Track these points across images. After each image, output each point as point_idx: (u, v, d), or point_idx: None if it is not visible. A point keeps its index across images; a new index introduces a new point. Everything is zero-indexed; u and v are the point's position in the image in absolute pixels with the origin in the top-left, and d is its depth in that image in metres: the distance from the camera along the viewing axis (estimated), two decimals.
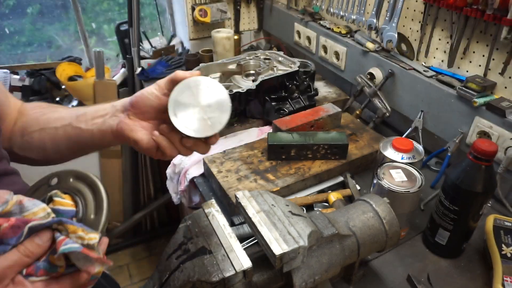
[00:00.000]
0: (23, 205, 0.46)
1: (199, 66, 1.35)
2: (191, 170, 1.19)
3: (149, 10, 2.08)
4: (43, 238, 0.46)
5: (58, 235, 0.46)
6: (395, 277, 0.86)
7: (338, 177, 1.13)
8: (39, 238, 0.45)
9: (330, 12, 1.56)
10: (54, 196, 0.50)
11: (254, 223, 0.66)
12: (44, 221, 0.46)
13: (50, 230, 0.46)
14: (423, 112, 1.22)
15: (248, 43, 2.08)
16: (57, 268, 0.46)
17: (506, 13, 0.93)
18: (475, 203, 0.81)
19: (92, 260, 0.46)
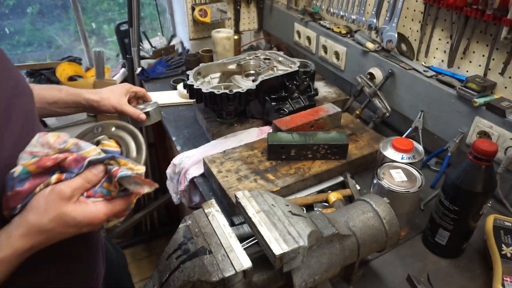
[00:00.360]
0: (79, 146, 0.59)
1: (199, 66, 1.35)
2: (191, 170, 1.19)
3: (149, 10, 2.08)
4: (98, 169, 0.59)
5: (111, 167, 0.58)
6: (395, 277, 0.87)
7: (338, 177, 1.13)
8: (95, 169, 0.59)
9: (330, 12, 1.56)
10: (102, 140, 0.63)
11: (254, 223, 0.66)
12: (100, 157, 0.59)
13: (103, 164, 0.59)
14: (423, 112, 1.22)
15: (248, 43, 2.08)
16: (111, 192, 0.59)
17: (506, 13, 0.93)
18: (475, 203, 0.81)
19: (141, 184, 0.60)
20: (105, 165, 0.59)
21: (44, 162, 0.56)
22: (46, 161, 0.56)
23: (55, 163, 0.57)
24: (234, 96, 1.19)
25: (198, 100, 1.23)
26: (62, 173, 0.58)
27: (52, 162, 0.56)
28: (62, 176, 0.57)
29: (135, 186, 0.59)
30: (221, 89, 1.25)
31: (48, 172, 0.57)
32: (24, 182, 0.55)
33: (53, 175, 0.57)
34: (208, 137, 1.35)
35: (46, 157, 0.57)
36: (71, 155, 0.57)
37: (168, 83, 1.74)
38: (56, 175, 0.57)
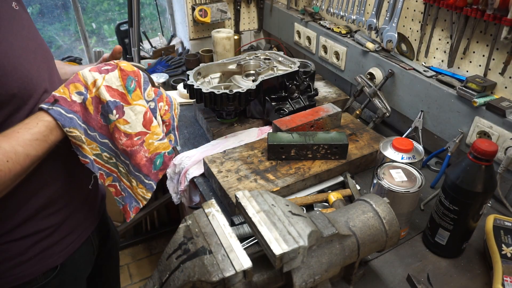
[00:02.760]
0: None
1: (199, 66, 1.35)
2: (191, 170, 1.19)
3: (149, 10, 2.08)
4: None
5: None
6: (395, 277, 0.87)
7: (338, 177, 1.13)
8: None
9: (330, 12, 1.56)
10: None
11: (254, 223, 0.66)
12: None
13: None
14: (423, 112, 1.22)
15: (248, 43, 2.08)
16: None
17: (506, 13, 0.93)
18: (475, 203, 0.81)
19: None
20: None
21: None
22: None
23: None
24: (234, 96, 1.19)
25: (198, 100, 1.23)
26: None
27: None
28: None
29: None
30: (221, 89, 1.25)
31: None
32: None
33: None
34: (208, 137, 1.35)
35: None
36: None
37: (168, 83, 1.74)
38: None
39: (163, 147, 0.81)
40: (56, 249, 0.87)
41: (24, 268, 0.82)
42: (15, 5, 0.79)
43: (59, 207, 0.86)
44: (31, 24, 0.83)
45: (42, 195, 0.81)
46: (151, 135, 0.78)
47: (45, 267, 0.86)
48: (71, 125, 0.71)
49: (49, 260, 0.86)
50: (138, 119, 0.76)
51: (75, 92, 0.72)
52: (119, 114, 0.74)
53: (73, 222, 0.91)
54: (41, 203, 0.81)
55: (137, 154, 0.77)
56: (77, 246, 0.93)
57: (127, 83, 0.75)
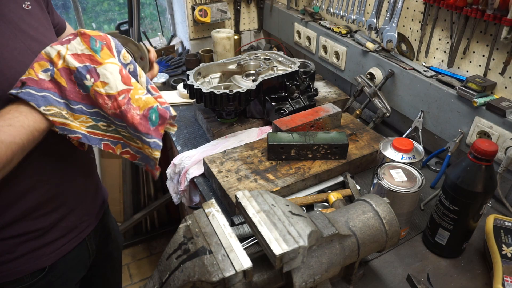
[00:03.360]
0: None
1: (199, 66, 1.35)
2: (191, 170, 1.19)
3: (149, 10, 2.08)
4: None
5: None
6: (395, 277, 0.87)
7: (338, 177, 1.13)
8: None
9: (330, 12, 1.56)
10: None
11: (254, 223, 0.66)
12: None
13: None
14: (423, 112, 1.22)
15: (248, 43, 2.08)
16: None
17: (506, 13, 0.93)
18: (475, 203, 0.81)
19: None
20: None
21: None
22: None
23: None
24: (234, 96, 1.19)
25: (198, 100, 1.23)
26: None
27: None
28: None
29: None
30: (221, 89, 1.25)
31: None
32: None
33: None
34: (208, 137, 1.35)
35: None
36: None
37: (168, 83, 1.74)
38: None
39: (152, 101, 0.75)
40: (46, 250, 0.86)
41: (11, 266, 0.81)
42: (27, 5, 0.78)
43: (51, 209, 0.84)
44: (43, 24, 0.82)
45: (31, 197, 0.80)
46: (134, 90, 0.73)
47: (33, 267, 0.85)
48: (46, 103, 0.67)
49: (38, 260, 0.85)
50: (115, 77, 0.71)
51: (40, 70, 0.68)
52: (93, 77, 0.70)
53: (67, 224, 0.90)
54: (31, 205, 0.80)
55: (127, 113, 0.72)
56: (70, 248, 0.92)
57: (91, 44, 0.70)
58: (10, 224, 0.79)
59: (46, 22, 0.84)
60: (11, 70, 0.70)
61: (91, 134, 0.74)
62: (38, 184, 0.80)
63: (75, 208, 0.91)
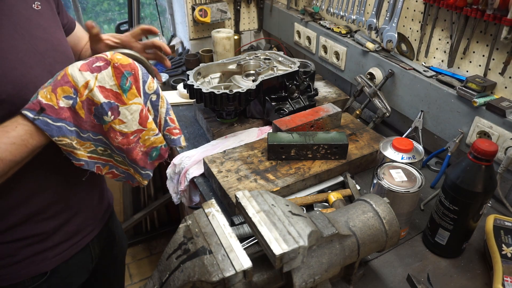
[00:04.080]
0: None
1: (199, 66, 1.35)
2: (191, 170, 1.19)
3: (149, 10, 2.08)
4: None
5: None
6: (395, 277, 0.87)
7: (338, 177, 1.13)
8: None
9: (330, 12, 1.56)
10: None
11: (254, 223, 0.66)
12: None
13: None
14: (423, 112, 1.22)
15: (248, 43, 2.08)
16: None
17: (506, 13, 0.93)
18: (475, 203, 0.81)
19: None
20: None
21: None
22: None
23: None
24: (234, 96, 1.19)
25: (198, 100, 1.23)
26: None
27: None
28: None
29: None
30: (221, 89, 1.25)
31: None
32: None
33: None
34: (208, 137, 1.35)
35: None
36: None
37: (168, 83, 1.74)
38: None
39: (159, 141, 0.79)
40: (49, 254, 0.86)
41: (12, 270, 0.81)
42: (37, 5, 0.78)
43: (54, 213, 0.84)
44: (52, 24, 0.81)
45: (34, 201, 0.79)
46: (147, 131, 0.76)
47: (34, 272, 0.84)
48: (60, 134, 0.67)
49: (39, 264, 0.85)
50: (134, 118, 0.73)
51: (63, 96, 0.66)
52: (114, 115, 0.70)
53: (70, 229, 0.89)
54: (34, 209, 0.80)
55: (133, 150, 0.75)
56: (73, 253, 0.91)
57: (122, 81, 0.70)
58: (13, 227, 0.78)
59: (56, 22, 0.84)
60: (15, 72, 0.70)
61: (90, 159, 0.75)
62: (42, 188, 0.80)
63: (79, 212, 0.91)
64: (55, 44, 0.80)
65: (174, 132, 0.83)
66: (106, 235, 1.06)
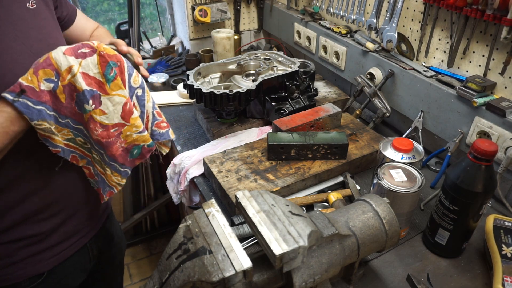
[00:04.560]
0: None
1: (199, 66, 1.35)
2: (191, 170, 1.19)
3: (149, 10, 2.08)
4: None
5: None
6: (395, 277, 0.87)
7: (338, 177, 1.13)
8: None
9: (330, 12, 1.56)
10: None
11: (254, 223, 0.66)
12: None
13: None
14: (423, 112, 1.22)
15: (248, 43, 2.08)
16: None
17: (506, 13, 0.93)
18: (475, 203, 0.81)
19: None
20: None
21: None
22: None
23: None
24: (234, 96, 1.19)
25: (198, 100, 1.23)
26: None
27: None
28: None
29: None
30: (221, 89, 1.25)
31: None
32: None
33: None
34: (208, 137, 1.35)
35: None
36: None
37: (168, 83, 1.74)
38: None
39: (142, 139, 0.76)
40: (46, 255, 0.86)
41: (9, 271, 0.81)
42: (32, 3, 0.77)
43: (51, 214, 0.84)
44: (47, 24, 0.81)
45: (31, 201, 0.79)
46: (129, 127, 0.73)
47: (31, 272, 0.84)
48: (40, 117, 0.65)
49: (36, 265, 0.84)
50: (117, 110, 0.70)
51: (44, 79, 0.65)
52: (95, 104, 0.68)
53: (67, 229, 0.89)
54: (31, 209, 0.80)
55: (112, 145, 0.73)
56: (70, 254, 0.91)
57: (106, 70, 0.68)
58: (10, 228, 0.78)
59: (52, 21, 0.83)
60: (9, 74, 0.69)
61: (66, 147, 0.74)
62: (39, 189, 0.80)
63: (76, 213, 0.90)
64: (51, 43, 0.79)
65: (162, 126, 0.82)
66: (104, 236, 1.06)
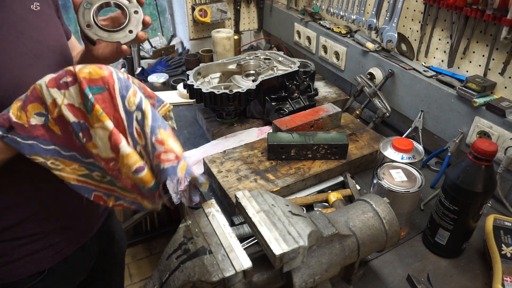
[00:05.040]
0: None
1: (199, 66, 1.35)
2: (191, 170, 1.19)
3: (149, 10, 2.08)
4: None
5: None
6: (395, 277, 0.87)
7: (338, 177, 1.13)
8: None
9: (330, 12, 1.56)
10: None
11: (254, 223, 0.66)
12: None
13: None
14: (423, 112, 1.22)
15: (248, 43, 2.08)
16: None
17: (506, 13, 0.93)
18: (475, 203, 0.81)
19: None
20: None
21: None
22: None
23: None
24: (234, 96, 1.19)
25: (198, 100, 1.23)
26: None
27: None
28: None
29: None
30: (221, 89, 1.25)
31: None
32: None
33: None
34: (208, 137, 1.35)
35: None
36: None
37: (168, 83, 1.74)
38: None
39: (141, 181, 0.61)
40: (46, 253, 0.86)
41: (9, 268, 0.81)
42: (36, 5, 0.77)
43: (52, 213, 0.84)
44: (51, 25, 0.80)
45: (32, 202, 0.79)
46: (121, 165, 0.61)
47: (31, 270, 0.84)
48: (32, 152, 0.62)
49: (37, 263, 0.84)
50: (104, 143, 0.61)
51: (34, 114, 0.61)
52: (86, 137, 0.62)
53: (68, 228, 0.89)
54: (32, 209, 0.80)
55: (119, 179, 0.64)
56: (70, 252, 0.91)
57: (84, 100, 0.60)
58: (11, 227, 0.78)
59: (55, 23, 0.83)
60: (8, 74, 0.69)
61: (82, 183, 0.67)
62: (40, 189, 0.80)
63: (77, 211, 0.90)
64: (52, 45, 0.79)
65: (164, 159, 0.61)
66: (105, 235, 1.06)
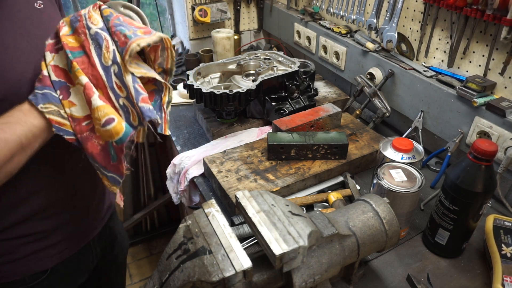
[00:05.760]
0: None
1: (199, 66, 1.35)
2: (191, 170, 1.19)
3: (149, 10, 2.08)
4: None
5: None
6: (395, 277, 0.87)
7: (338, 177, 1.13)
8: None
9: (330, 12, 1.56)
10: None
11: (254, 223, 0.66)
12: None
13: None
14: (423, 112, 1.22)
15: (248, 43, 2.08)
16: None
17: (506, 13, 0.93)
18: (475, 203, 0.81)
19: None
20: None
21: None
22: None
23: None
24: (234, 96, 1.19)
25: (198, 100, 1.23)
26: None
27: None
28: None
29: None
30: (221, 89, 1.25)
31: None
32: None
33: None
34: (208, 137, 1.35)
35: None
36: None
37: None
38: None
39: (108, 134, 0.64)
40: (49, 252, 0.86)
41: (12, 267, 0.81)
42: (40, 4, 0.77)
43: (55, 212, 0.84)
44: (55, 23, 0.79)
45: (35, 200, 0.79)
46: (93, 119, 0.64)
47: (34, 269, 0.84)
48: (45, 100, 0.64)
49: (39, 262, 0.84)
50: (82, 99, 0.64)
51: (45, 66, 0.67)
52: (62, 94, 0.65)
53: (70, 228, 0.89)
54: (35, 208, 0.80)
55: (87, 141, 0.65)
56: (73, 251, 0.91)
57: (68, 57, 0.65)
58: (14, 225, 0.78)
59: (59, 21, 0.84)
60: (12, 73, 0.69)
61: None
62: (43, 188, 0.80)
63: (80, 211, 0.91)
64: None
65: (147, 100, 0.66)
66: (107, 235, 1.06)
